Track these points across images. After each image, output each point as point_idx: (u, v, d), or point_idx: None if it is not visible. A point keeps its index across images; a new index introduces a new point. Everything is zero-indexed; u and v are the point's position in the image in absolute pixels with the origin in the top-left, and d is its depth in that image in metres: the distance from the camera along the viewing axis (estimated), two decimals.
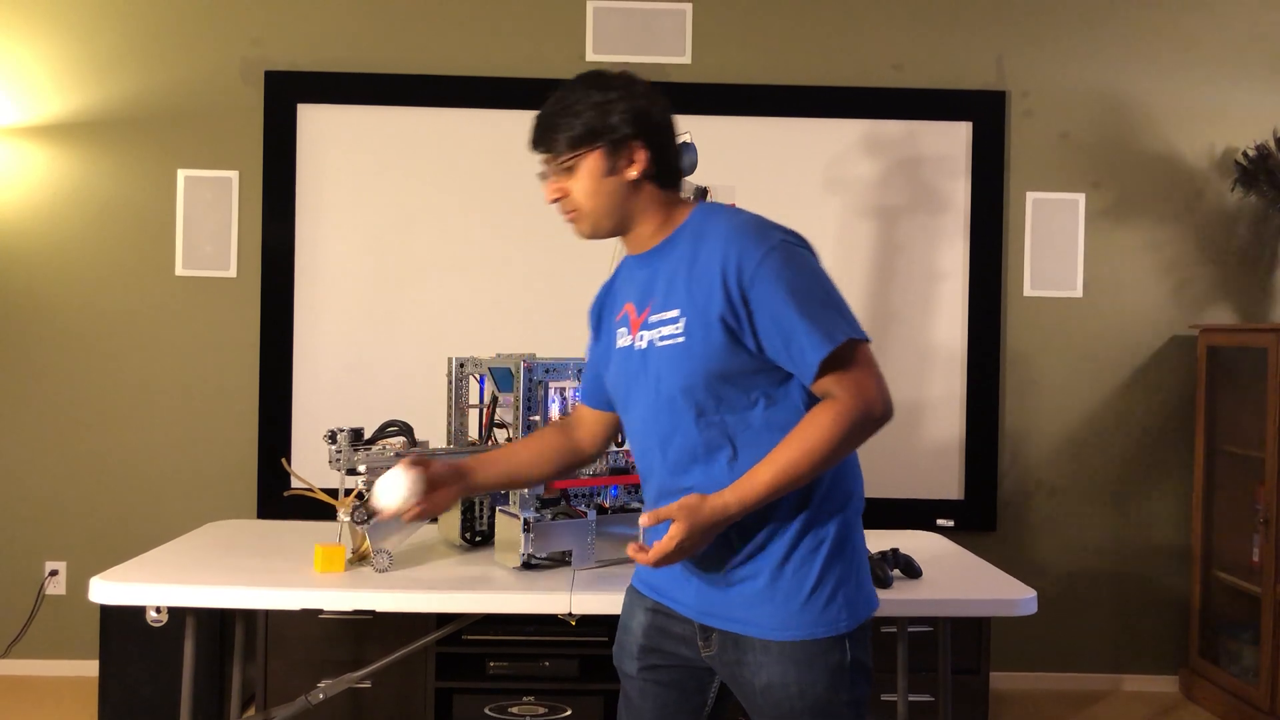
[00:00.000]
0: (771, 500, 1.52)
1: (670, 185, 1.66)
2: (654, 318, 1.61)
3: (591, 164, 1.61)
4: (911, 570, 2.26)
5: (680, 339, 1.56)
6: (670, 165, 1.65)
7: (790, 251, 1.53)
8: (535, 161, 1.56)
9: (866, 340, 1.52)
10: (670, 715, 1.69)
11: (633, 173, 1.61)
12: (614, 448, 2.41)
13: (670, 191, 1.66)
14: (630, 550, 1.52)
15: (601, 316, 1.84)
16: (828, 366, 1.48)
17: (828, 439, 1.49)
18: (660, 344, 1.59)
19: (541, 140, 1.66)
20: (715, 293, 1.52)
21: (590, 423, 1.88)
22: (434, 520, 2.51)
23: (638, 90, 1.65)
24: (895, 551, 2.28)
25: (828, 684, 1.54)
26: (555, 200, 1.66)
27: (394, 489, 1.70)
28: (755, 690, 1.57)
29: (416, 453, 1.90)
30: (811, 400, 1.55)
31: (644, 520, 1.52)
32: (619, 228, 1.66)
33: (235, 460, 3.68)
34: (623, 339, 1.69)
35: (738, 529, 1.56)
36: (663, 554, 1.50)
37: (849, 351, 1.49)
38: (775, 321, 1.50)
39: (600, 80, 1.65)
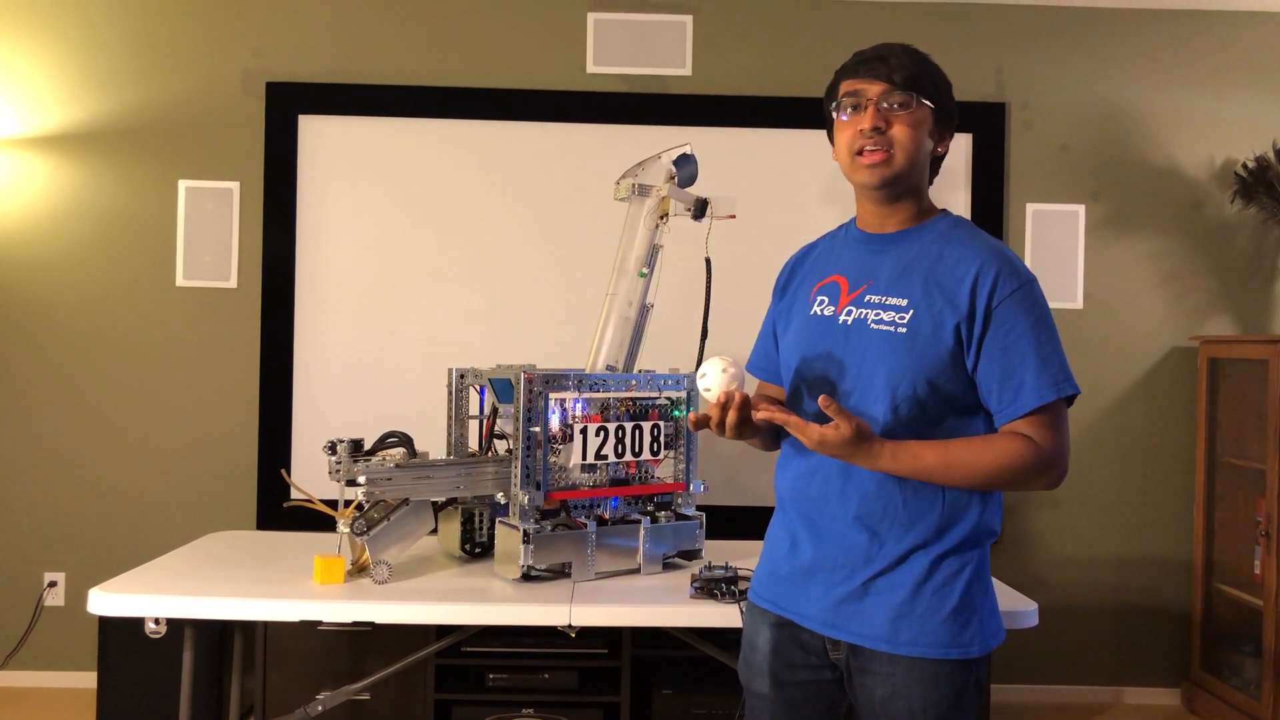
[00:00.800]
0: (913, 479, 1.55)
1: (931, 183, 1.70)
2: (873, 298, 1.61)
3: (925, 117, 1.63)
4: None
5: (902, 330, 1.57)
6: (938, 169, 1.71)
7: (1039, 292, 1.58)
8: (534, 175, 1.56)
9: (1078, 393, 1.58)
10: None
11: (940, 150, 1.67)
12: (613, 458, 2.41)
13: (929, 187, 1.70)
14: (821, 401, 1.51)
15: (791, 280, 1.80)
16: (1047, 409, 1.54)
17: (1003, 466, 1.54)
18: (875, 326, 1.59)
19: (894, 69, 1.63)
20: (959, 299, 1.55)
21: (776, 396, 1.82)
22: (434, 531, 2.51)
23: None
24: None
25: (951, 704, 1.56)
26: (874, 128, 1.61)
27: (711, 377, 1.63)
28: (874, 700, 1.58)
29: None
30: None
31: (823, 400, 1.51)
32: (907, 188, 1.64)
33: (235, 471, 3.67)
34: (822, 308, 1.68)
35: (884, 540, 1.58)
36: (820, 439, 1.52)
37: (1060, 408, 1.56)
38: (1006, 349, 1.54)
39: None
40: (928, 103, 1.63)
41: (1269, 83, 3.79)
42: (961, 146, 3.74)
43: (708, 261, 2.55)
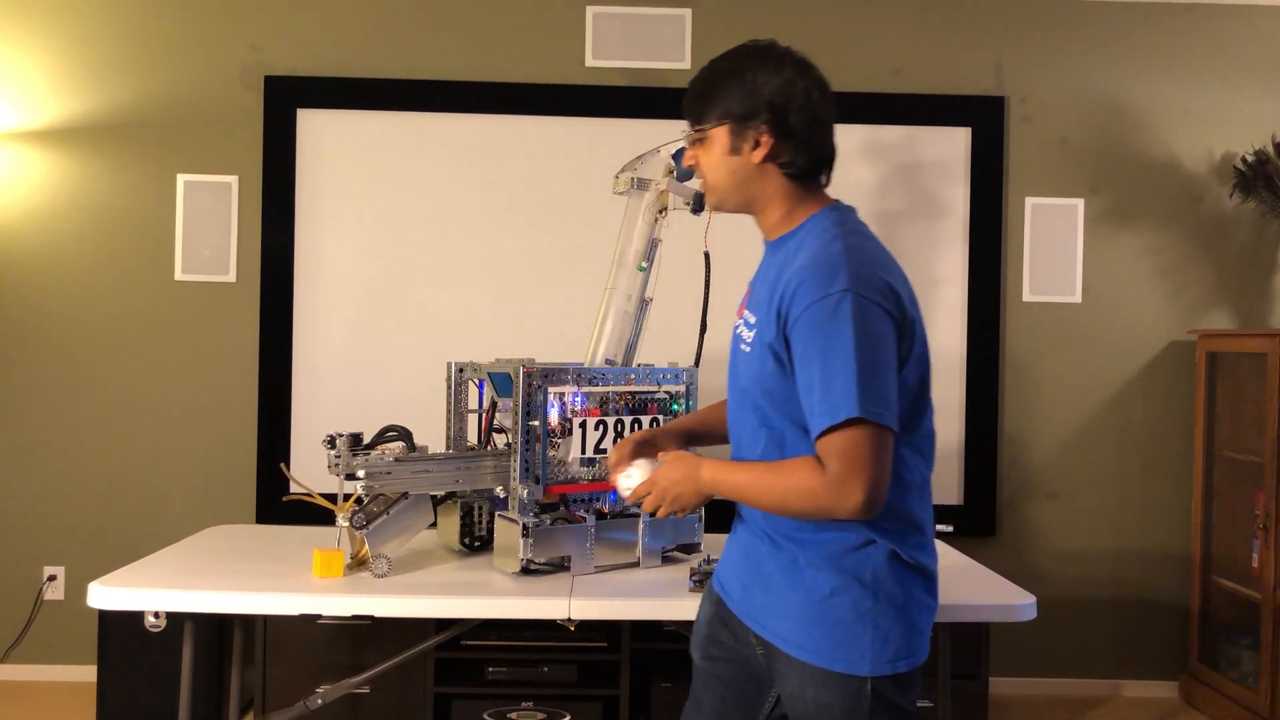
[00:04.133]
0: (736, 500, 1.57)
1: (805, 178, 1.59)
2: (745, 313, 1.64)
3: (718, 139, 1.60)
4: None
5: (747, 348, 1.59)
6: (810, 157, 1.58)
7: (842, 304, 1.42)
8: (533, 169, 1.58)
9: (881, 423, 1.41)
10: (728, 711, 1.71)
11: (756, 156, 1.57)
12: None
13: (805, 184, 1.60)
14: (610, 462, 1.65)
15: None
16: (832, 434, 1.42)
17: (790, 489, 1.47)
18: (741, 346, 1.63)
19: (685, 106, 1.66)
20: (773, 319, 1.52)
21: None
22: (433, 525, 2.51)
23: (788, 73, 1.58)
24: None
25: (844, 709, 1.51)
26: (690, 166, 1.67)
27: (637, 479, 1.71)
28: (786, 695, 1.60)
29: (644, 434, 1.83)
30: None
31: (611, 463, 1.68)
32: (743, 208, 1.64)
33: (234, 465, 3.67)
34: (735, 324, 1.70)
35: (781, 542, 1.57)
36: (634, 495, 1.60)
37: (859, 431, 1.41)
38: (803, 372, 1.47)
39: (755, 55, 1.61)
40: (711, 124, 1.59)
41: (1268, 76, 3.78)
42: (960, 140, 3.74)
43: (706, 256, 2.55)
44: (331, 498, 2.36)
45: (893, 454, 1.45)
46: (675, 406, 2.50)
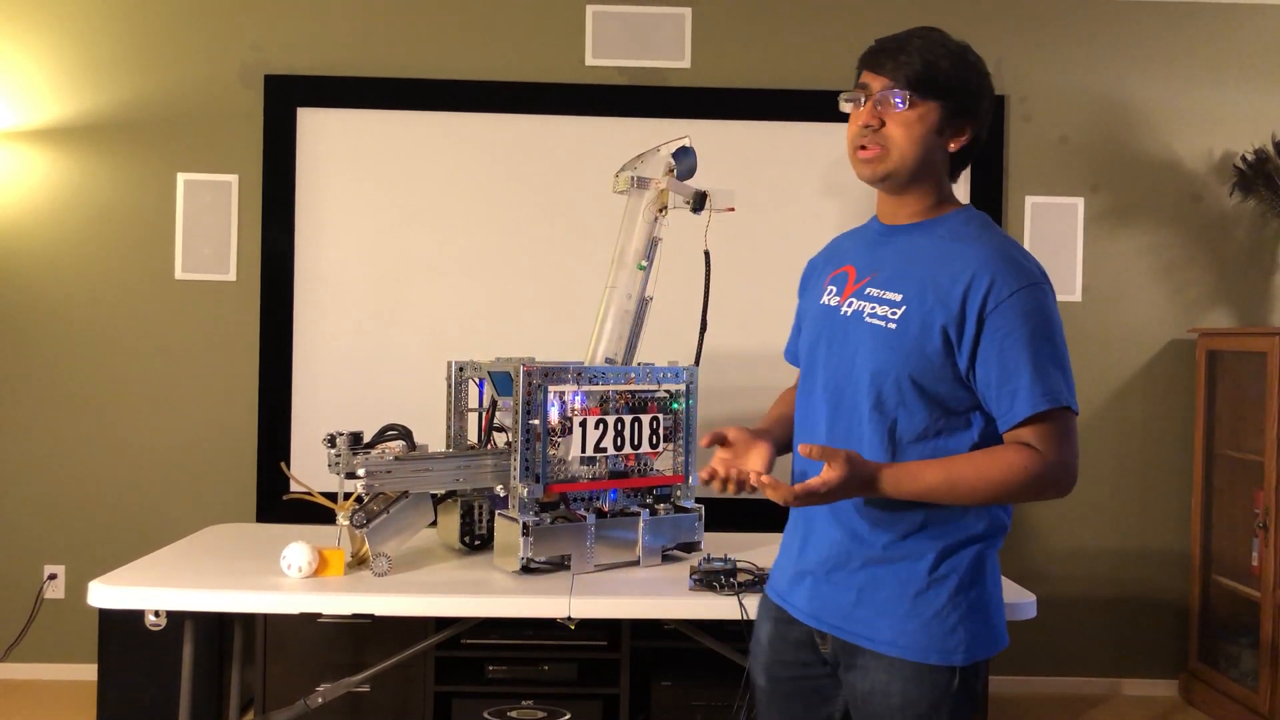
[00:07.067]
0: (919, 501, 1.51)
1: (954, 177, 1.66)
2: (873, 291, 1.59)
3: (927, 114, 1.58)
4: None
5: (892, 325, 1.54)
6: (966, 161, 1.65)
7: (1043, 297, 1.51)
8: (533, 168, 1.57)
9: (1075, 412, 1.52)
10: None
11: (953, 145, 1.61)
12: (612, 451, 2.41)
13: (951, 182, 1.66)
14: (803, 450, 1.47)
15: (811, 276, 1.80)
16: (1034, 420, 1.48)
17: (1009, 479, 1.48)
18: (869, 319, 1.57)
19: (889, 63, 1.62)
20: (950, 301, 1.51)
21: None
22: (434, 524, 2.51)
23: (990, 79, 1.65)
24: None
25: (931, 703, 1.53)
26: (866, 125, 1.60)
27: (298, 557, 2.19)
28: (858, 694, 1.57)
29: (718, 431, 1.69)
30: (984, 445, 1.54)
31: (806, 450, 1.46)
32: (909, 185, 1.61)
33: (234, 464, 3.67)
34: (829, 297, 1.66)
35: (870, 535, 1.55)
36: (808, 491, 1.45)
37: (1062, 416, 1.50)
38: (1001, 355, 1.49)
39: (972, 50, 1.66)
40: (932, 101, 1.58)
41: (1268, 75, 3.78)
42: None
43: (706, 254, 2.55)
44: (332, 496, 2.37)
45: None
46: (675, 405, 2.50)
